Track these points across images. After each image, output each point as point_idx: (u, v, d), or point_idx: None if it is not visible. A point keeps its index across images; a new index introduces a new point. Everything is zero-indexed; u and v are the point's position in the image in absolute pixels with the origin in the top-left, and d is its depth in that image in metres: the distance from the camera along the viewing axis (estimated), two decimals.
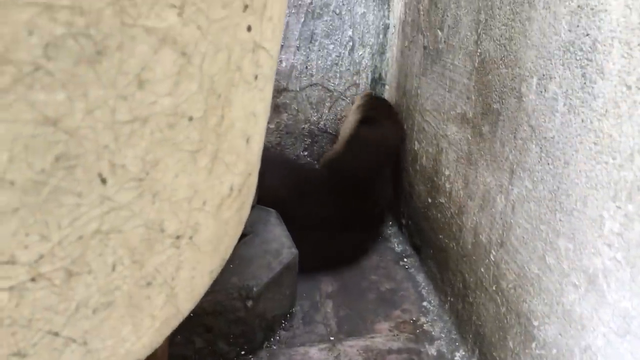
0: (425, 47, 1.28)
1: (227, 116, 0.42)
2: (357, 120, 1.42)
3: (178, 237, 0.42)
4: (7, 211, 0.29)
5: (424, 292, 1.25)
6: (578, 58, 0.69)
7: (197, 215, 0.43)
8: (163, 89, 0.34)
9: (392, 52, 1.58)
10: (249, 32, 0.42)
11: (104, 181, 0.33)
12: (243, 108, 0.45)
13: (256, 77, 0.46)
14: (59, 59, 0.28)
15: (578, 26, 0.69)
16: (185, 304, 0.47)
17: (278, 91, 1.53)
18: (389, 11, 1.54)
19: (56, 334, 0.35)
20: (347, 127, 1.45)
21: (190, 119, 0.38)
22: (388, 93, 1.63)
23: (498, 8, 0.89)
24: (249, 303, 0.99)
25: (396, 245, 1.47)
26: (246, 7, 0.40)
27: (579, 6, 0.69)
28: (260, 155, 0.58)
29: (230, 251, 0.55)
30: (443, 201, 1.18)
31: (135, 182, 0.35)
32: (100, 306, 0.37)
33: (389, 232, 1.54)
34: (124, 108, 0.32)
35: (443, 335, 1.10)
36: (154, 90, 0.34)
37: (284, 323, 1.13)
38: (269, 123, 1.54)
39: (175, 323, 0.48)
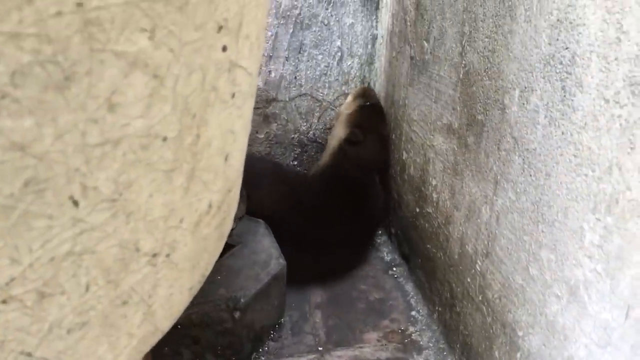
0: (412, 58, 1.29)
1: (203, 135, 0.43)
2: (342, 139, 1.42)
3: (154, 256, 0.42)
4: None
5: (412, 301, 1.26)
6: (558, 71, 0.70)
7: (174, 233, 0.44)
8: (135, 112, 0.35)
9: (381, 62, 1.59)
10: (224, 52, 0.42)
11: (75, 203, 0.34)
12: (220, 126, 0.46)
13: (233, 95, 0.46)
14: (26, 86, 0.28)
15: (558, 40, 0.70)
16: (164, 322, 0.48)
17: (267, 101, 1.54)
18: (377, 22, 1.55)
19: (29, 355, 0.35)
20: (334, 141, 1.46)
21: (165, 139, 0.38)
22: None
23: (481, 20, 0.90)
24: (237, 314, 0.99)
25: (385, 254, 1.47)
26: (220, 28, 0.40)
27: (558, 20, 0.69)
28: (241, 170, 0.58)
29: (210, 267, 0.55)
30: (430, 211, 1.19)
31: (108, 203, 0.36)
32: (75, 326, 0.38)
33: (379, 241, 1.55)
34: (95, 131, 0.33)
35: (431, 345, 1.10)
36: (125, 113, 0.34)
37: (273, 334, 1.13)
38: (258, 133, 1.55)
39: (153, 340, 0.48)
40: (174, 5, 0.34)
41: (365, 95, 1.51)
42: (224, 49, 0.42)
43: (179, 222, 0.44)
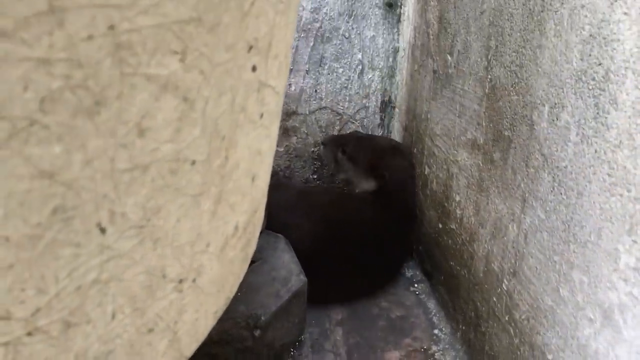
0: (435, 72, 1.28)
1: (231, 157, 0.42)
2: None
3: (181, 282, 0.41)
4: (2, 267, 0.28)
5: (435, 319, 1.23)
6: (590, 87, 0.68)
7: (200, 258, 0.43)
8: (164, 136, 0.34)
9: (402, 75, 1.57)
10: (253, 72, 0.41)
11: (103, 230, 0.32)
12: (248, 147, 0.44)
13: (262, 116, 0.45)
14: (56, 112, 0.27)
15: (590, 55, 0.68)
16: (189, 347, 0.46)
17: (287, 114, 1.53)
18: (398, 35, 1.54)
19: None
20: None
21: (193, 163, 0.37)
22: (398, 116, 1.63)
23: (508, 35, 0.88)
24: (257, 332, 0.98)
25: (407, 270, 1.45)
26: (251, 47, 0.39)
27: (591, 35, 0.67)
28: (266, 190, 0.57)
29: (235, 289, 0.54)
30: (454, 227, 1.17)
31: (135, 229, 0.35)
32: (100, 355, 0.37)
33: None
34: (124, 156, 0.32)
35: None
36: (155, 138, 0.33)
37: (293, 351, 1.11)
38: (278, 146, 1.54)
39: None
40: (206, 26, 0.33)
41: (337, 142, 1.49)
42: (254, 68, 0.41)
43: (206, 247, 0.43)
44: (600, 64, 0.66)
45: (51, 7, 0.25)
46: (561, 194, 0.74)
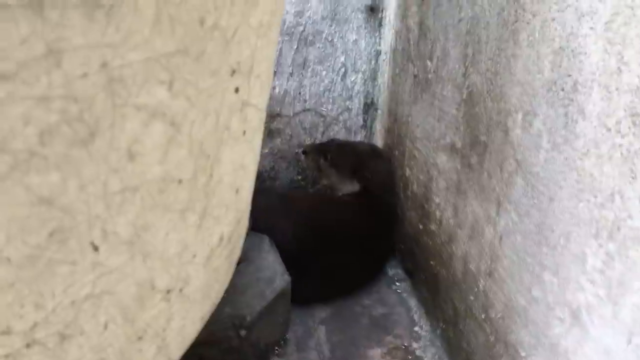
0: (415, 76, 1.31)
1: (216, 173, 0.44)
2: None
3: (169, 291, 0.44)
4: (4, 286, 0.30)
5: (415, 317, 1.27)
6: (560, 97, 0.71)
7: (187, 268, 0.45)
8: (153, 159, 0.36)
9: (384, 78, 1.60)
10: (236, 93, 0.44)
11: (96, 248, 0.35)
12: (232, 163, 0.47)
13: (244, 132, 0.48)
14: (54, 144, 0.29)
15: (560, 66, 0.71)
16: (177, 352, 0.49)
17: (271, 116, 1.55)
18: (380, 38, 1.57)
19: None
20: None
21: (180, 181, 0.40)
22: (380, 118, 1.66)
23: (485, 43, 0.91)
24: (242, 332, 1.00)
25: (389, 270, 1.48)
26: (234, 71, 0.42)
27: (560, 47, 0.71)
28: (250, 199, 0.59)
29: (221, 295, 0.56)
30: (434, 228, 1.20)
31: (126, 245, 0.37)
32: None
33: None
34: (116, 180, 0.34)
35: None
36: (144, 161, 0.35)
37: (278, 350, 1.14)
38: (262, 148, 1.56)
39: None
40: (191, 56, 0.36)
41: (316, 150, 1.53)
42: (237, 90, 0.44)
43: (192, 258, 0.45)
44: (569, 75, 0.69)
45: (49, 50, 0.27)
46: (533, 198, 0.77)
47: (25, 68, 0.26)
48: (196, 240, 0.45)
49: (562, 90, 0.70)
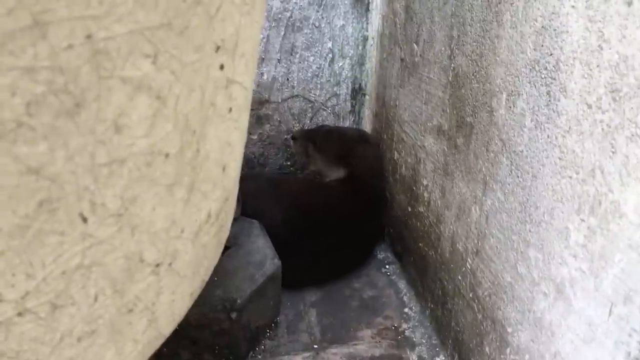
0: (402, 60, 1.31)
1: (202, 149, 0.45)
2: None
3: (157, 265, 0.44)
4: None
5: (405, 298, 1.28)
6: (543, 76, 0.72)
7: (175, 243, 0.46)
8: (139, 132, 0.37)
9: (372, 63, 1.61)
10: (221, 70, 0.44)
11: (84, 220, 0.36)
12: (218, 139, 0.48)
13: (230, 110, 0.48)
14: (41, 115, 0.30)
15: (542, 46, 0.72)
16: (167, 327, 0.50)
17: (260, 103, 1.56)
18: (367, 23, 1.57)
19: None
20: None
21: (167, 155, 0.40)
22: (368, 103, 1.67)
23: (469, 25, 0.92)
24: (233, 315, 1.01)
25: (378, 253, 1.49)
26: (218, 48, 0.42)
27: (543, 27, 0.72)
28: (238, 178, 0.60)
29: (210, 272, 0.57)
30: (422, 210, 1.21)
31: (114, 218, 0.38)
32: (84, 334, 0.40)
33: None
34: (103, 152, 0.35)
35: (424, 341, 1.13)
36: (130, 134, 0.36)
37: (269, 332, 1.15)
38: (251, 134, 1.57)
39: (157, 344, 0.50)
40: (175, 30, 0.36)
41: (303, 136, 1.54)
42: (222, 67, 0.44)
43: (180, 232, 0.46)
44: (551, 54, 0.70)
45: (35, 21, 0.28)
46: (518, 176, 0.79)
47: (11, 39, 0.27)
48: (184, 216, 0.46)
49: (545, 69, 0.71)
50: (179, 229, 0.46)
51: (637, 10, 0.56)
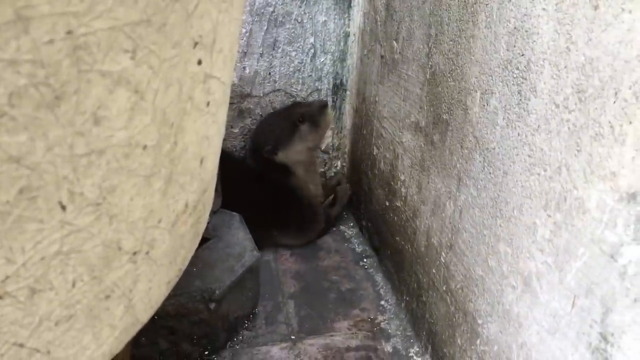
0: (382, 57, 1.33)
1: (180, 142, 0.46)
2: None
3: (135, 253, 0.46)
4: None
5: (382, 291, 1.31)
6: (515, 76, 0.74)
7: (153, 232, 0.47)
8: (118, 124, 0.38)
9: (353, 59, 1.63)
10: (199, 65, 0.46)
11: (63, 208, 0.37)
12: (196, 133, 0.49)
13: (208, 104, 0.50)
14: (22, 106, 0.31)
15: (515, 46, 0.74)
16: (144, 314, 0.51)
17: (242, 97, 1.57)
18: (349, 20, 1.59)
19: (21, 345, 0.39)
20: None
21: (145, 147, 0.42)
22: (349, 98, 1.68)
23: (447, 24, 0.94)
24: (212, 305, 1.03)
25: (357, 246, 1.52)
26: (196, 44, 0.44)
27: (515, 28, 0.74)
28: (215, 171, 0.61)
29: (187, 262, 0.59)
30: (399, 205, 1.23)
31: (93, 207, 0.39)
32: (62, 319, 0.41)
33: (350, 233, 1.59)
34: (82, 143, 0.36)
35: (399, 333, 1.16)
36: (109, 126, 0.37)
37: (247, 323, 1.17)
38: (233, 127, 1.58)
39: (134, 331, 0.52)
40: (154, 27, 0.38)
41: None
42: (199, 62, 0.46)
43: (158, 222, 0.48)
44: (523, 55, 0.72)
45: (18, 16, 0.29)
46: (490, 173, 0.81)
47: None
48: (161, 206, 0.47)
49: (517, 69, 0.74)
50: (157, 218, 0.47)
51: (603, 14, 0.58)
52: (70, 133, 0.35)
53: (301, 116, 1.47)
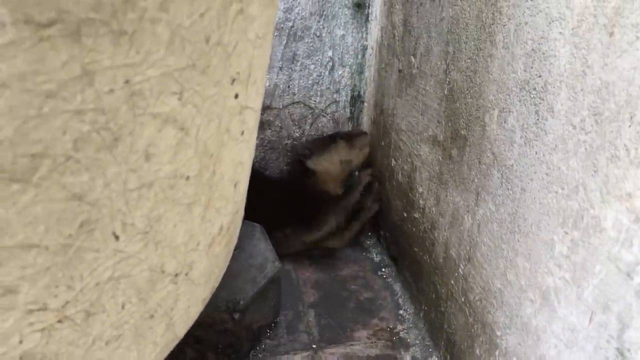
0: (400, 71, 1.36)
1: (217, 170, 0.49)
2: None
3: (176, 275, 0.49)
4: (42, 270, 0.36)
5: (400, 300, 1.33)
6: (532, 96, 0.76)
7: (192, 255, 0.50)
8: (165, 159, 0.41)
9: (370, 72, 1.65)
10: (236, 99, 0.49)
11: (117, 237, 0.40)
12: (232, 161, 0.52)
13: (242, 133, 0.53)
14: (85, 149, 0.34)
15: (532, 67, 0.76)
16: (182, 330, 0.54)
17: (262, 109, 1.59)
18: (366, 34, 1.62)
19: None
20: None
21: (187, 178, 0.45)
22: (367, 110, 1.71)
23: (464, 42, 0.97)
24: (236, 315, 1.06)
25: (375, 256, 1.54)
26: (234, 80, 0.47)
27: (533, 49, 0.76)
28: (246, 192, 0.65)
29: (220, 279, 0.62)
30: (417, 216, 1.26)
31: (141, 235, 0.42)
32: (112, 338, 0.44)
33: (369, 242, 1.62)
34: (134, 178, 0.39)
35: (418, 342, 1.18)
36: (157, 161, 0.41)
37: (269, 332, 1.20)
38: None
39: (172, 346, 0.55)
40: (198, 69, 0.41)
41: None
42: (236, 96, 0.49)
43: (197, 245, 0.51)
44: (540, 76, 0.75)
45: (84, 71, 0.32)
46: (508, 189, 0.83)
47: (64, 87, 0.32)
48: (200, 230, 0.50)
49: (534, 89, 0.76)
50: (196, 242, 0.50)
51: (618, 41, 0.60)
52: (125, 170, 0.38)
53: (341, 136, 1.60)
